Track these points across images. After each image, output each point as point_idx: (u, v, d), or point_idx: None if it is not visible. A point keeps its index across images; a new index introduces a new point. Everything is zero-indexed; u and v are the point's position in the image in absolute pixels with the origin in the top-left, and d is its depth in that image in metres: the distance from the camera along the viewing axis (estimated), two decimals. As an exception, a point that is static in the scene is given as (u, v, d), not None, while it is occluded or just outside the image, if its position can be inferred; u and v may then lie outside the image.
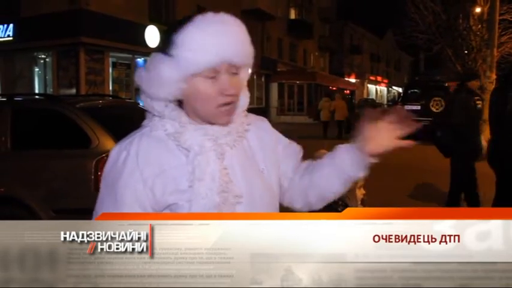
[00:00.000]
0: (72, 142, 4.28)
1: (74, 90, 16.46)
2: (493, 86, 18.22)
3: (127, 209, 1.19)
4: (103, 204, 1.24)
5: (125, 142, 1.27)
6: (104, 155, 4.03)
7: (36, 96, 5.34)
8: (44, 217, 4.08)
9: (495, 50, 18.07)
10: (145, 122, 1.32)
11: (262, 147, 1.38)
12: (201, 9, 16.20)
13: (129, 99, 15.75)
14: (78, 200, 4.10)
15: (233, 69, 1.22)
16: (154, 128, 1.26)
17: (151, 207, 1.21)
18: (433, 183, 8.74)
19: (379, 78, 65.51)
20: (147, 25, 18.88)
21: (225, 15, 1.26)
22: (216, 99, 1.21)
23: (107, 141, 4.15)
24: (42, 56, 18.36)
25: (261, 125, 1.44)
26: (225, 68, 1.20)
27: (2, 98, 5.38)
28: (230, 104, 1.23)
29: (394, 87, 70.92)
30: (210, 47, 1.17)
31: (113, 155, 1.27)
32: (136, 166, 1.21)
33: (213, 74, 1.19)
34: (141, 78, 1.25)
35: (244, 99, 1.34)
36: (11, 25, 17.35)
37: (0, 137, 4.39)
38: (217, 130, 1.25)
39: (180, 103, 1.27)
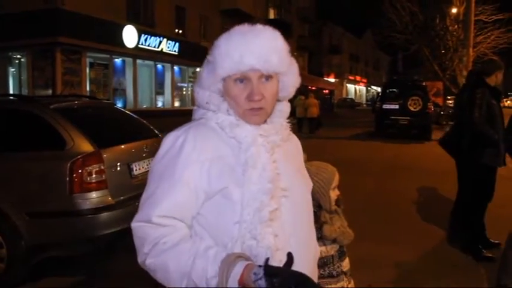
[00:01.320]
0: (46, 144, 4.16)
1: (50, 91, 16.14)
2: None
3: (184, 188, 1.29)
4: (158, 186, 1.32)
5: (180, 130, 1.38)
6: (79, 156, 3.94)
7: (10, 97, 5.13)
8: (17, 221, 3.97)
9: (471, 49, 18.32)
10: (197, 116, 1.45)
11: (298, 157, 1.58)
12: (179, 10, 16.06)
13: (107, 99, 15.54)
14: (53, 203, 4.00)
15: (263, 76, 1.33)
16: (209, 120, 1.39)
17: (204, 191, 1.30)
18: (410, 180, 8.82)
19: (358, 78, 66.02)
20: (125, 25, 18.65)
21: (261, 25, 1.37)
22: (243, 103, 1.33)
23: (82, 143, 4.05)
24: (17, 56, 18.00)
25: (298, 143, 1.62)
26: (254, 75, 1.31)
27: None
28: (257, 109, 1.34)
29: (373, 86, 71.57)
30: (233, 54, 1.29)
31: (167, 142, 1.37)
32: (193, 149, 1.31)
33: (242, 78, 1.32)
34: (201, 72, 1.41)
35: (285, 107, 1.48)
36: (-16, 24, 16.95)
37: (-30, 139, 4.25)
38: (267, 128, 1.39)
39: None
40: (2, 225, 4.01)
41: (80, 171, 3.91)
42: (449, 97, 37.96)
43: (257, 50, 1.29)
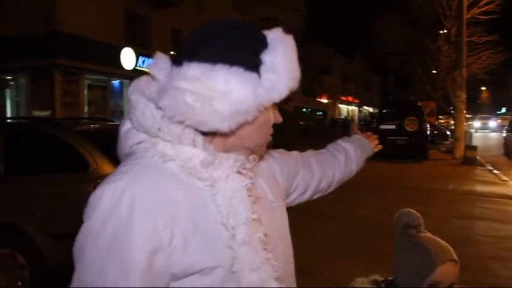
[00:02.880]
0: (70, 166, 4.22)
1: (48, 113, 16.17)
2: (464, 105, 18.82)
3: (141, 278, 0.83)
4: (100, 273, 0.84)
5: (122, 180, 0.89)
6: (102, 178, 3.98)
7: (32, 120, 5.20)
8: (40, 243, 4.00)
9: (464, 70, 18.63)
10: (138, 147, 0.98)
11: (265, 178, 1.16)
12: (175, 32, 16.18)
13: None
14: (77, 225, 4.03)
15: None
16: (163, 158, 0.93)
17: (170, 273, 0.87)
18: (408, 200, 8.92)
19: (350, 99, 66.56)
20: (123, 47, 18.81)
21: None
22: (270, 128, 1.03)
23: (104, 165, 4.10)
24: (14, 78, 18.01)
25: (266, 163, 1.24)
26: None
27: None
28: None
29: (365, 107, 72.16)
30: (294, 72, 0.98)
31: (104, 200, 0.87)
32: (148, 214, 0.85)
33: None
34: (181, 95, 0.88)
35: None
36: (-18, 46, 17.01)
37: (-7, 161, 4.29)
38: (244, 159, 1.01)
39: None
40: (25, 247, 4.05)
41: (104, 193, 3.95)
42: (440, 116, 38.56)
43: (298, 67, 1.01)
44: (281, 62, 0.94)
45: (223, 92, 0.87)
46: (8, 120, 4.99)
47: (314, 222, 7.49)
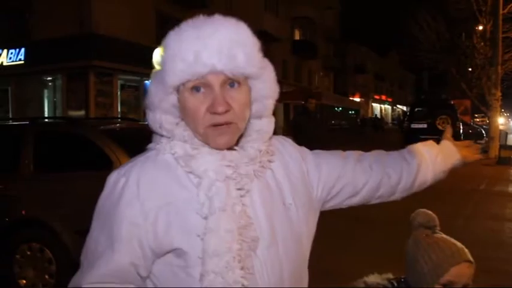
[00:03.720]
0: (94, 164, 4.37)
1: (83, 112, 16.66)
2: (499, 103, 18.34)
3: (123, 247, 1.01)
4: (96, 240, 1.05)
5: (124, 167, 1.08)
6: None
7: (59, 120, 5.40)
8: (66, 238, 4.15)
9: (499, 67, 18.16)
10: (151, 145, 1.13)
11: (289, 177, 1.18)
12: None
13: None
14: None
15: (227, 81, 1.01)
16: (161, 151, 1.07)
17: (151, 249, 1.02)
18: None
19: (383, 97, 65.74)
20: (155, 47, 18.99)
21: (218, 16, 1.09)
22: (204, 118, 1.01)
23: (127, 163, 4.24)
24: (52, 79, 18.62)
25: (285, 149, 1.23)
26: (216, 80, 0.99)
27: (24, 121, 5.50)
28: (223, 125, 1.01)
29: (398, 105, 71.09)
30: (186, 53, 0.98)
31: (109, 182, 1.07)
32: (136, 196, 1.01)
33: (200, 86, 1.00)
34: (149, 87, 1.11)
35: (267, 123, 1.15)
36: (23, 49, 17.68)
37: (23, 160, 4.49)
38: (237, 157, 1.05)
39: None
40: (52, 243, 4.21)
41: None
42: (476, 115, 37.56)
43: (216, 44, 0.98)
44: (168, 46, 1.04)
45: (151, 82, 1.10)
46: (37, 121, 5.16)
47: (340, 222, 7.50)
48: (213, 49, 0.98)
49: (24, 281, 4.32)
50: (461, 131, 17.43)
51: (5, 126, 5.65)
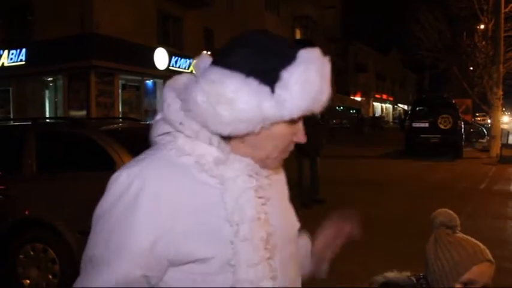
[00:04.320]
0: (97, 164, 4.37)
1: (84, 112, 16.68)
2: (500, 102, 18.34)
3: (137, 258, 0.93)
4: (105, 245, 0.94)
5: (134, 168, 0.98)
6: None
7: (60, 120, 5.40)
8: (69, 238, 4.16)
9: (501, 66, 18.16)
10: (161, 138, 1.05)
11: (284, 190, 1.24)
12: (208, 31, 16.41)
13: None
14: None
15: None
16: (180, 152, 1.00)
17: (169, 260, 0.95)
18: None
19: (384, 96, 65.70)
20: (156, 47, 19.15)
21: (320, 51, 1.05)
22: (286, 145, 1.04)
23: (130, 163, 4.24)
24: (53, 79, 18.63)
25: (281, 176, 1.25)
26: None
27: (27, 122, 5.51)
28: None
29: (399, 104, 71.07)
30: (312, 93, 0.97)
31: (118, 182, 0.96)
32: (154, 200, 0.94)
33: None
34: (194, 91, 0.94)
35: None
36: (24, 50, 17.68)
37: (26, 160, 4.50)
38: (258, 168, 1.04)
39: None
40: (55, 243, 4.22)
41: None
42: (477, 114, 37.54)
43: (328, 86, 1.02)
44: (298, 81, 0.94)
45: (230, 99, 0.91)
46: (40, 121, 5.17)
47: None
48: (327, 91, 1.01)
49: (28, 281, 4.33)
50: (462, 130, 17.39)
51: (8, 126, 5.67)
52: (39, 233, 4.34)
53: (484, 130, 26.37)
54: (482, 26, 22.25)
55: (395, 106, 72.02)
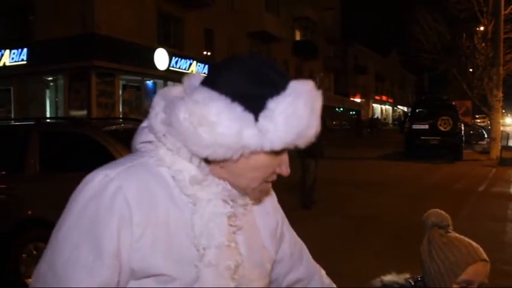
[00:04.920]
0: (99, 164, 4.38)
1: (85, 113, 16.70)
2: (500, 104, 18.37)
3: (112, 261, 0.89)
4: (77, 247, 0.90)
5: (114, 169, 0.95)
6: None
7: (62, 120, 5.42)
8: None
9: (501, 68, 18.18)
10: (143, 145, 1.03)
11: (266, 222, 1.18)
12: (208, 32, 16.46)
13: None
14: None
15: None
16: (159, 162, 0.98)
17: (131, 269, 0.92)
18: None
19: (384, 98, 65.73)
20: (156, 48, 19.19)
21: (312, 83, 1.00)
22: (267, 175, 1.01)
23: (133, 163, 4.28)
24: (54, 79, 18.66)
25: (267, 203, 1.21)
26: None
27: (27, 121, 5.53)
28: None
29: (399, 106, 71.12)
30: (298, 128, 0.93)
31: (94, 182, 0.93)
32: (128, 207, 0.91)
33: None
34: (178, 108, 0.91)
35: None
36: (25, 49, 17.72)
37: (29, 160, 4.52)
38: (235, 195, 1.02)
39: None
40: (58, 242, 4.24)
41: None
42: (477, 116, 37.59)
43: (317, 121, 0.97)
44: (283, 112, 0.90)
45: (212, 122, 0.88)
46: (43, 121, 5.19)
47: (348, 223, 7.54)
48: (314, 125, 0.96)
49: (31, 280, 4.34)
50: (462, 132, 17.42)
51: (10, 126, 5.69)
52: (42, 232, 4.36)
53: (484, 132, 26.39)
54: (482, 28, 22.29)
55: (395, 108, 72.08)
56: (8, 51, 18.13)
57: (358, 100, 52.40)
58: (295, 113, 0.91)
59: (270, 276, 1.16)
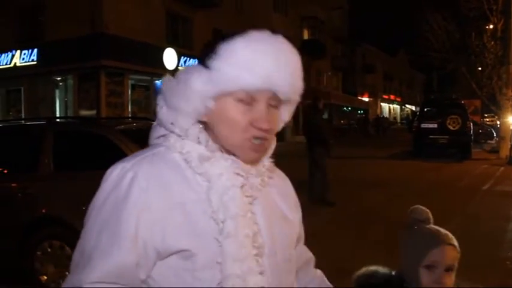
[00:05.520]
0: (112, 163, 4.44)
1: (94, 112, 16.81)
2: (510, 103, 18.25)
3: (130, 245, 0.96)
4: (97, 236, 0.99)
5: (129, 162, 1.04)
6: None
7: (75, 120, 5.49)
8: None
9: (510, 66, 18.08)
10: (157, 140, 1.11)
11: (285, 200, 1.23)
12: (216, 32, 16.60)
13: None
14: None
15: (273, 101, 1.05)
16: (171, 149, 1.05)
17: (156, 250, 0.98)
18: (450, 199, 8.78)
19: (392, 97, 65.52)
20: (165, 48, 19.27)
21: (284, 39, 1.10)
22: (245, 129, 1.03)
23: (145, 162, 4.33)
24: (64, 79, 18.80)
25: (285, 182, 1.29)
26: (264, 97, 1.03)
27: (38, 121, 5.59)
28: (261, 139, 1.05)
29: (407, 105, 70.85)
30: (256, 67, 1.00)
31: (112, 176, 1.03)
32: (145, 192, 0.98)
33: (248, 99, 1.02)
34: (168, 85, 1.06)
35: (273, 142, 1.15)
36: (36, 50, 17.89)
37: (43, 159, 4.59)
38: (246, 167, 1.06)
39: (205, 126, 1.08)
40: (72, 240, 4.29)
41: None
42: (486, 115, 37.35)
43: (289, 72, 1.05)
44: (232, 53, 1.00)
45: (186, 78, 1.04)
46: (57, 120, 5.26)
47: (352, 219, 7.55)
48: (285, 76, 1.03)
49: (45, 277, 4.42)
50: (471, 131, 17.34)
51: (24, 126, 5.77)
52: (57, 230, 4.43)
53: (493, 131, 26.24)
54: (491, 26, 22.15)
55: (403, 107, 71.82)
56: (18, 51, 18.32)
57: (366, 99, 52.27)
58: (244, 52, 1.00)
59: (295, 245, 1.22)
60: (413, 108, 62.68)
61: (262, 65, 1.00)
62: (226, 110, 1.02)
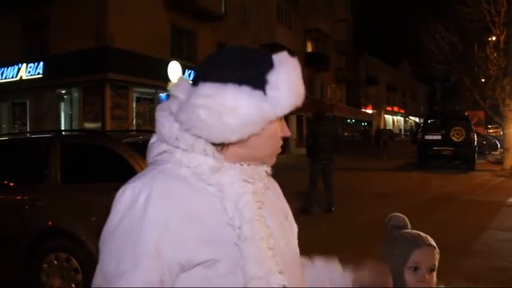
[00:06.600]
0: (119, 176, 4.48)
1: (99, 125, 16.91)
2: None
3: (151, 263, 0.97)
4: (118, 260, 0.98)
5: (139, 181, 1.04)
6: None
7: (82, 133, 5.55)
8: (92, 248, 4.28)
9: (513, 78, 18.11)
10: (160, 156, 1.11)
11: (281, 200, 1.31)
12: (220, 45, 16.66)
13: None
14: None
15: None
16: (177, 164, 1.07)
17: (180, 264, 1.00)
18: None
19: (395, 109, 65.60)
20: (170, 61, 19.41)
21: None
22: (278, 140, 1.14)
23: (151, 175, 4.37)
24: (69, 92, 18.92)
25: (275, 183, 1.33)
26: None
27: (44, 134, 5.65)
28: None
29: (411, 117, 70.86)
30: (299, 90, 1.10)
31: (124, 199, 1.02)
32: (161, 210, 0.99)
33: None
34: (191, 115, 1.02)
35: None
36: (41, 63, 18.03)
37: (50, 171, 4.64)
38: (251, 173, 1.12)
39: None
40: (78, 252, 4.34)
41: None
42: (490, 126, 37.31)
43: (303, 86, 1.14)
44: (284, 81, 1.05)
45: (232, 107, 1.00)
46: (63, 133, 5.32)
47: (356, 224, 7.55)
48: (303, 88, 1.12)
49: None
50: (475, 142, 17.34)
51: (32, 138, 5.83)
52: (63, 242, 4.46)
53: (497, 142, 26.21)
54: (494, 38, 22.22)
55: (407, 119, 71.82)
56: (24, 65, 18.47)
57: (369, 111, 52.32)
58: (290, 78, 1.07)
59: (297, 240, 1.28)
60: (417, 119, 62.70)
61: (301, 86, 1.11)
62: (271, 129, 1.09)
